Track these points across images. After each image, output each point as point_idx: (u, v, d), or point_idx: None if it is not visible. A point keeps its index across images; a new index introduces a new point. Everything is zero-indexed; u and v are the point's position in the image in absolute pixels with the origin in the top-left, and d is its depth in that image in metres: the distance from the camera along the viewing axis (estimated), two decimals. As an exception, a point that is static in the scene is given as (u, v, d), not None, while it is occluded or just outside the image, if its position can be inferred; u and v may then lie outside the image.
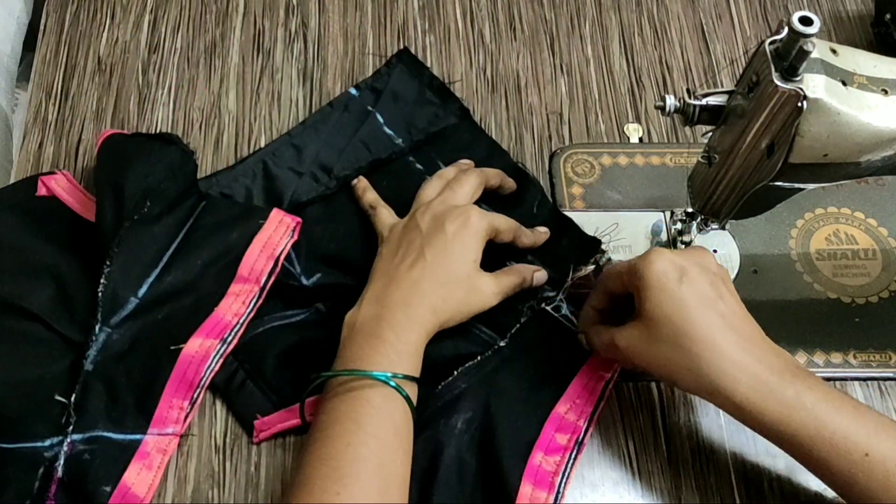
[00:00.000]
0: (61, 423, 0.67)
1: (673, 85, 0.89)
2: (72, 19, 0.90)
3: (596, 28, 0.93)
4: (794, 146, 0.61)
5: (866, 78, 0.61)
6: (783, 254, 0.79)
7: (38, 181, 0.78)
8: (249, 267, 0.73)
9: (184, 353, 0.69)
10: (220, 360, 0.70)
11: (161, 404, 0.68)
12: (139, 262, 0.72)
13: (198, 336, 0.70)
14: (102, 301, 0.70)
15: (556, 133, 0.86)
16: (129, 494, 0.65)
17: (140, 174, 0.73)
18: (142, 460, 0.67)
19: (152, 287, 0.72)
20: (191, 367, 0.69)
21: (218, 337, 0.71)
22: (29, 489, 0.65)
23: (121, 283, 0.71)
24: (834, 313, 0.76)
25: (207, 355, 0.70)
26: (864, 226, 0.80)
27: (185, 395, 0.69)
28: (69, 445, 0.66)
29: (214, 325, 0.71)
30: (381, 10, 0.93)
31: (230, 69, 0.88)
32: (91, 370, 0.69)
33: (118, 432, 0.67)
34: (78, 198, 0.78)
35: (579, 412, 0.69)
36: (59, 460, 0.66)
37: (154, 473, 0.67)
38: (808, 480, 0.70)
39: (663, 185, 0.82)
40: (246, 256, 0.74)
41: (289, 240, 0.75)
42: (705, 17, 0.94)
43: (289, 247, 0.75)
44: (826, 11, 0.96)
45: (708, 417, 0.72)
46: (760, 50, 0.62)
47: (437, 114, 0.84)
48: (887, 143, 0.62)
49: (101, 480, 0.65)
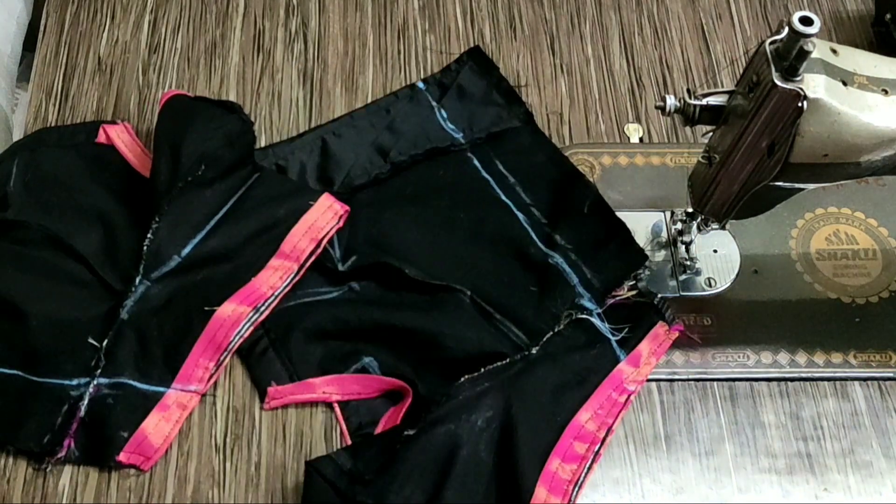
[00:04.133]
0: (90, 366, 0.69)
1: (673, 85, 0.89)
2: (72, 19, 0.90)
3: (596, 28, 0.93)
4: (794, 146, 0.61)
5: (866, 78, 0.61)
6: (783, 254, 0.79)
7: (99, 127, 0.80)
8: (292, 245, 0.74)
9: (216, 315, 0.71)
10: (251, 327, 0.72)
11: (188, 361, 0.70)
12: (187, 223, 0.73)
13: (232, 301, 0.71)
14: (146, 255, 0.72)
15: (556, 133, 0.86)
16: (145, 443, 0.68)
17: (199, 138, 0.74)
18: (162, 412, 0.69)
19: (196, 248, 0.73)
20: (221, 330, 0.70)
21: (251, 305, 0.72)
22: (51, 424, 0.67)
23: (166, 240, 0.72)
24: (834, 313, 0.76)
25: (238, 321, 0.71)
26: (864, 226, 0.80)
27: (212, 356, 0.70)
28: (95, 388, 0.68)
29: (250, 293, 0.72)
30: (381, 10, 0.93)
31: (230, 69, 0.88)
32: (126, 319, 0.71)
33: (143, 382, 0.69)
34: (135, 151, 0.80)
35: (600, 422, 0.69)
36: (84, 400, 0.68)
37: (171, 426, 0.69)
38: (807, 480, 0.70)
39: (663, 185, 0.82)
40: (290, 234, 0.74)
41: (334, 225, 0.76)
42: (705, 17, 0.94)
43: (333, 232, 0.76)
44: (826, 11, 0.95)
45: (708, 417, 0.72)
46: (760, 50, 0.62)
47: (500, 115, 0.84)
48: (887, 143, 0.62)
49: (121, 425, 0.68)
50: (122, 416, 0.68)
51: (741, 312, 0.76)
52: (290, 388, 0.71)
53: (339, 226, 0.76)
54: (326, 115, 0.85)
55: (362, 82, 0.88)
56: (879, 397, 0.74)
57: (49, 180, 0.77)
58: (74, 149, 0.79)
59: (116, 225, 0.75)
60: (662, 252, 0.79)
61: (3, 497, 0.66)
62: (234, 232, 0.74)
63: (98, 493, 0.67)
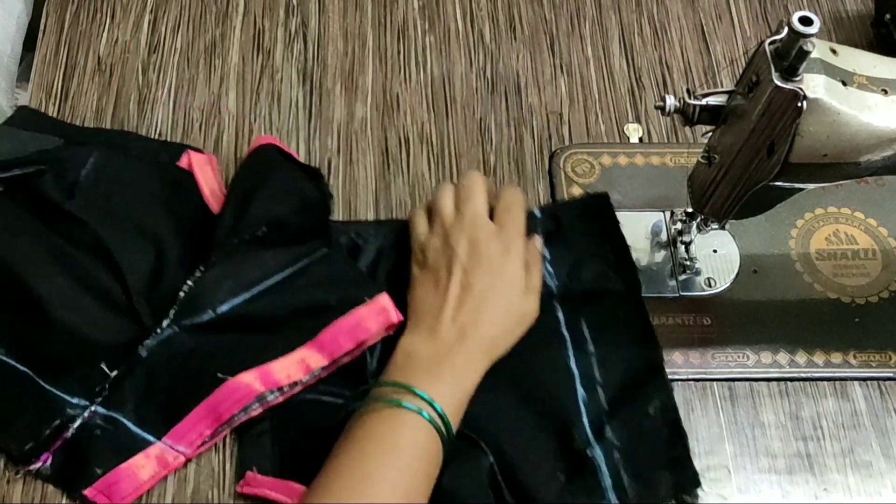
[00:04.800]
0: (94, 391, 0.68)
1: (673, 85, 0.89)
2: (72, 19, 0.90)
3: (596, 28, 0.93)
4: (794, 146, 0.61)
5: (866, 78, 0.61)
6: (783, 254, 0.79)
7: (184, 151, 0.79)
8: (331, 337, 0.69)
9: (226, 385, 0.67)
10: (260, 409, 0.68)
11: (185, 421, 0.67)
12: (234, 280, 0.70)
13: (246, 376, 0.67)
14: (181, 301, 0.69)
15: (556, 133, 0.86)
16: (116, 486, 0.65)
17: (270, 198, 0.72)
18: (143, 460, 0.66)
19: (234, 309, 0.70)
20: (225, 403, 0.67)
21: (266, 387, 0.67)
22: (39, 432, 0.66)
23: (207, 292, 0.70)
24: (834, 313, 0.76)
25: (245, 399, 0.67)
26: (864, 226, 0.80)
27: (210, 424, 0.67)
28: (90, 414, 0.67)
29: (268, 374, 0.67)
30: (381, 10, 0.93)
31: (230, 69, 0.88)
32: (143, 357, 0.69)
33: (136, 425, 0.67)
34: (212, 186, 0.77)
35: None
36: (76, 422, 0.67)
37: (146, 479, 0.66)
38: (807, 480, 0.70)
39: (663, 185, 0.82)
40: (333, 325, 0.69)
41: (382, 331, 0.70)
42: (705, 17, 0.94)
43: (379, 337, 0.70)
44: (826, 11, 0.95)
45: (708, 417, 0.72)
46: (760, 50, 0.62)
47: (605, 274, 0.76)
48: (887, 143, 0.62)
49: (99, 461, 0.66)
50: (103, 451, 0.66)
51: (741, 312, 0.76)
52: (268, 482, 0.66)
53: (388, 334, 0.70)
54: (326, 115, 0.85)
55: (362, 82, 0.88)
56: (879, 397, 0.74)
57: (120, 190, 0.75)
58: (155, 166, 0.78)
59: (168, 258, 0.72)
60: (662, 252, 0.79)
61: (2, 497, 0.66)
62: (279, 304, 0.70)
63: (98, 493, 0.67)
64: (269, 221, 0.71)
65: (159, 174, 0.77)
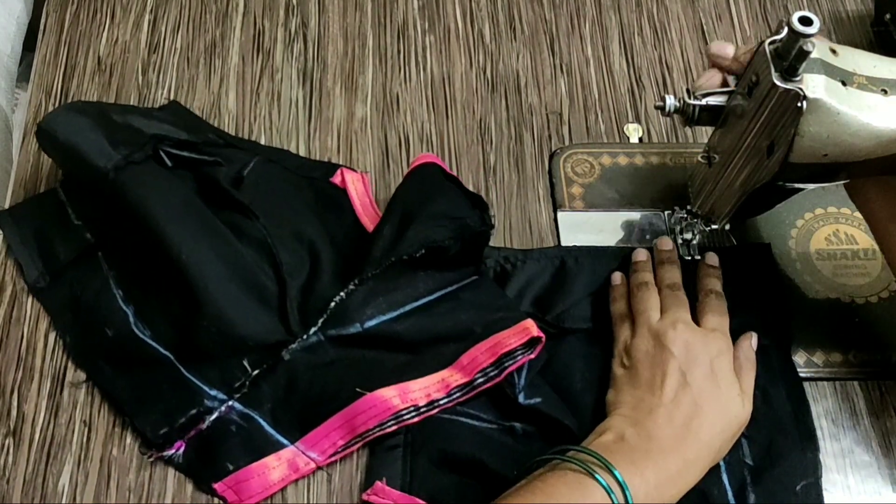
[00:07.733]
0: (233, 386, 0.68)
1: (673, 85, 0.89)
2: (72, 19, 0.90)
3: (596, 28, 0.93)
4: (794, 146, 0.61)
5: (866, 78, 0.61)
6: (783, 254, 0.79)
7: (338, 169, 0.80)
8: (471, 358, 0.69)
9: (363, 399, 0.67)
10: (395, 426, 0.67)
11: (320, 429, 0.67)
12: (384, 298, 0.70)
13: (384, 392, 0.67)
14: (331, 311, 0.69)
15: (556, 133, 0.86)
16: (245, 484, 0.66)
17: (431, 222, 0.71)
18: (274, 462, 0.67)
19: (381, 325, 0.70)
20: (361, 416, 0.67)
21: (404, 404, 0.67)
22: (174, 419, 0.67)
23: (356, 305, 0.70)
24: (834, 313, 0.76)
25: (382, 416, 0.67)
26: (864, 226, 0.80)
27: (344, 435, 0.67)
28: (227, 408, 0.68)
29: (407, 393, 0.68)
30: (381, 10, 0.93)
31: (230, 69, 0.88)
32: (286, 360, 0.69)
33: (272, 426, 0.68)
34: (364, 203, 0.79)
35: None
36: (212, 415, 0.67)
37: (276, 481, 0.66)
38: (807, 480, 0.70)
39: (663, 184, 0.82)
40: (474, 348, 0.69)
41: (525, 352, 0.69)
42: (705, 17, 0.94)
43: (521, 360, 0.69)
44: (826, 11, 0.96)
45: (708, 417, 0.72)
46: (760, 50, 0.62)
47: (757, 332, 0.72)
48: (887, 143, 0.62)
49: (231, 456, 0.66)
50: (236, 447, 0.66)
51: (741, 312, 0.76)
52: (397, 495, 0.65)
53: (532, 356, 0.69)
54: (326, 115, 0.85)
55: (362, 82, 0.88)
56: (879, 397, 0.74)
57: (280, 195, 0.76)
58: (310, 180, 0.79)
59: (323, 268, 0.72)
60: (662, 252, 0.79)
61: (2, 497, 0.66)
62: (426, 326, 0.70)
63: (98, 493, 0.67)
64: (428, 245, 0.70)
65: (314, 187, 0.78)
